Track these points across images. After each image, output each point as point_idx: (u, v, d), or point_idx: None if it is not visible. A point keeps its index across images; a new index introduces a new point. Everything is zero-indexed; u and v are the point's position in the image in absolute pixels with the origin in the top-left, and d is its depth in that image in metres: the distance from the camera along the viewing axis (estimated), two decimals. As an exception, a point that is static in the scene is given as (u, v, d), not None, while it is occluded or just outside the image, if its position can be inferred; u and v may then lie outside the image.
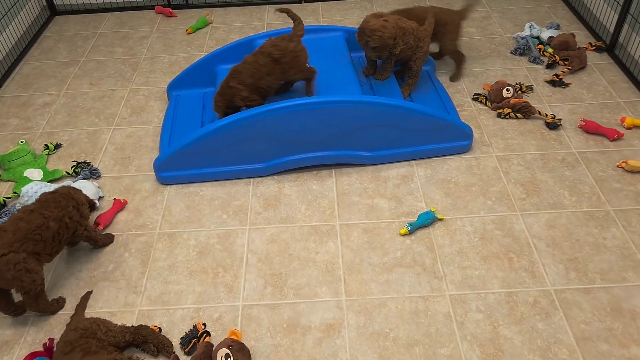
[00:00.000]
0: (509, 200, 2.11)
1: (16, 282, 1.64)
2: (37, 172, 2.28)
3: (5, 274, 1.62)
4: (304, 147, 2.22)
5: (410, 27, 2.36)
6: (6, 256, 1.62)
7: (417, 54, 2.42)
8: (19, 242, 1.65)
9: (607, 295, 1.77)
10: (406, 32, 2.33)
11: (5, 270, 1.61)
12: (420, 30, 2.40)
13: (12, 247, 1.64)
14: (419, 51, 2.42)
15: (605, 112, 2.49)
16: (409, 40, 2.35)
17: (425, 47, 2.43)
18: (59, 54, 3.16)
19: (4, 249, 1.63)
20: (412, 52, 2.41)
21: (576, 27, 3.11)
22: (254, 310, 1.78)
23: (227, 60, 2.66)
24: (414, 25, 2.39)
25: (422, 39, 2.41)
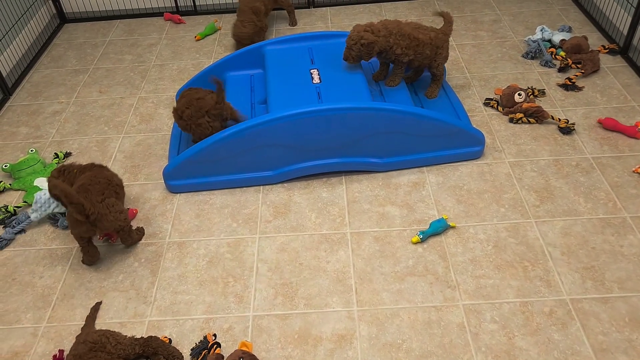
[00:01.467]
0: (522, 207, 2.08)
1: (116, 222, 1.86)
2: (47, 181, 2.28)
3: (108, 217, 1.84)
4: (314, 154, 2.20)
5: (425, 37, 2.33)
6: (104, 201, 1.85)
7: (437, 60, 2.40)
8: (105, 190, 1.89)
9: (625, 305, 1.73)
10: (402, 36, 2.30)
11: (107, 213, 1.85)
12: (439, 38, 2.38)
13: (104, 194, 1.87)
14: (439, 57, 2.40)
15: (620, 116, 2.45)
16: (424, 51, 2.34)
17: (444, 52, 2.41)
18: (68, 62, 3.17)
19: (99, 196, 1.85)
20: (430, 60, 2.40)
21: (588, 30, 3.06)
22: (264, 321, 1.76)
23: (236, 67, 2.65)
24: (432, 35, 2.35)
25: (441, 45, 2.39)
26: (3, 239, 2.07)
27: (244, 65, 2.65)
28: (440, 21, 2.66)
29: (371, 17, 3.36)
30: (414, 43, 2.31)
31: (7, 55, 3.04)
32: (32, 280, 1.94)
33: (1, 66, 2.93)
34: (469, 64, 2.88)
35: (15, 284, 1.93)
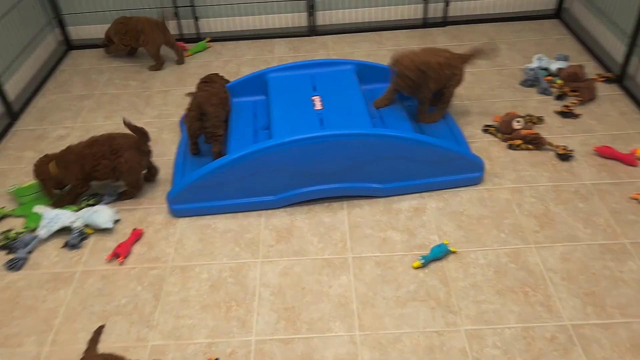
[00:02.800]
0: (522, 233, 2.10)
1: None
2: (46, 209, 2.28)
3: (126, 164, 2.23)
4: (316, 180, 2.23)
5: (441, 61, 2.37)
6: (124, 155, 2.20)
7: (451, 81, 2.43)
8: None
9: (626, 330, 1.74)
10: (432, 68, 2.33)
11: (126, 162, 2.23)
12: (455, 58, 2.41)
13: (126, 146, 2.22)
14: (453, 79, 2.43)
15: (617, 143, 2.49)
16: (444, 71, 2.37)
17: (459, 74, 2.44)
18: (73, 87, 3.22)
19: (124, 149, 2.23)
20: (445, 81, 2.43)
21: (584, 59, 3.13)
22: (267, 345, 1.77)
23: (239, 93, 2.70)
24: (447, 55, 2.40)
25: (457, 66, 2.42)
26: (19, 259, 2.08)
27: (247, 92, 2.70)
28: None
29: (371, 45, 3.44)
30: (440, 72, 2.34)
31: (14, 81, 3.09)
32: (35, 304, 1.95)
33: (8, 91, 2.98)
34: (468, 91, 2.94)
35: (18, 308, 1.94)
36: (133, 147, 2.25)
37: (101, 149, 2.24)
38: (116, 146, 2.24)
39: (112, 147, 2.24)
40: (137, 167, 2.27)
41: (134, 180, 2.30)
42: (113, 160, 2.23)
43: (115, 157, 2.23)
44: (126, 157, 2.22)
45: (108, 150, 2.24)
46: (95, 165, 2.25)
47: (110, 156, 2.23)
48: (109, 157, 2.23)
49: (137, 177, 2.31)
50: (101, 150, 2.23)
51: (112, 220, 2.19)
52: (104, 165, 2.24)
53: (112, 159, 2.23)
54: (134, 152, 2.24)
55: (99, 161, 2.23)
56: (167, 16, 3.29)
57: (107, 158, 2.23)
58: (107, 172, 2.27)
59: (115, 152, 2.23)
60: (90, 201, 2.31)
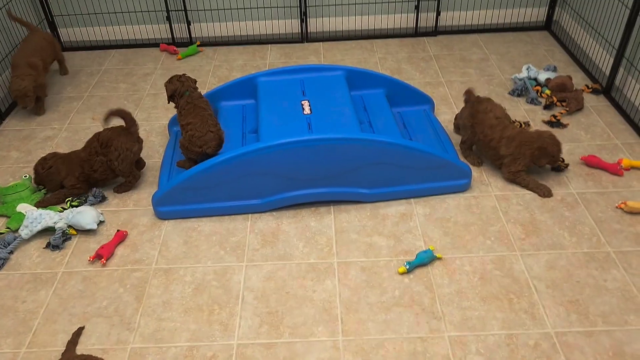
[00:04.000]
0: (508, 240, 2.10)
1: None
2: (30, 208, 2.25)
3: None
4: (303, 184, 2.22)
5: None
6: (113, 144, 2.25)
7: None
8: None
9: (608, 339, 1.74)
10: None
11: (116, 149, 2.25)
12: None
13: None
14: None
15: (603, 153, 2.51)
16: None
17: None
18: (63, 88, 3.20)
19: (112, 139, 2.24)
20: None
21: (573, 70, 3.16)
22: (248, 350, 1.75)
23: (229, 97, 2.69)
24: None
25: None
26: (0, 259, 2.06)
27: (237, 96, 2.70)
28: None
29: (363, 52, 3.45)
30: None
31: (2, 81, 3.07)
32: (14, 305, 1.92)
33: (-4, 91, 2.96)
34: (457, 99, 2.95)
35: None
36: (121, 134, 2.27)
37: (91, 146, 2.28)
38: (104, 138, 2.27)
39: (101, 141, 2.26)
40: (128, 154, 2.27)
41: (126, 169, 2.30)
42: (105, 154, 2.26)
43: (107, 149, 2.25)
44: (115, 144, 2.25)
45: (98, 145, 2.26)
46: (93, 165, 2.28)
47: (101, 150, 2.26)
48: (102, 152, 2.26)
49: (129, 165, 2.31)
50: (93, 147, 2.27)
51: (96, 221, 2.17)
52: (99, 161, 2.27)
53: (104, 153, 2.26)
54: (123, 138, 2.27)
55: (93, 159, 2.27)
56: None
57: (100, 153, 2.26)
58: (105, 169, 2.30)
59: (105, 144, 2.26)
60: (75, 202, 2.29)
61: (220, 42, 3.63)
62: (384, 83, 2.73)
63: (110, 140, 2.26)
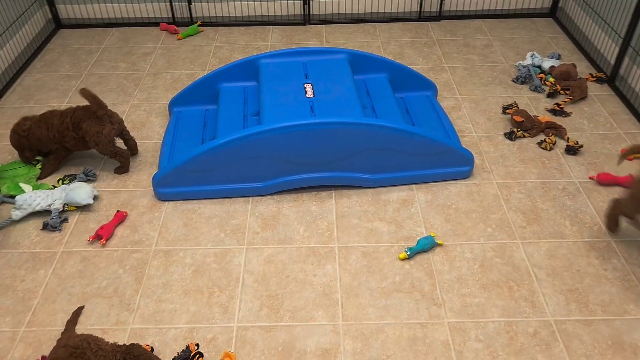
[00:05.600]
0: (509, 228, 2.10)
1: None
2: (27, 187, 2.25)
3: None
4: (304, 168, 2.21)
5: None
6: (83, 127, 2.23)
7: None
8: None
9: (608, 328, 1.74)
10: None
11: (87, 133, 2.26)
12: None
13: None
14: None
15: (606, 142, 2.50)
16: None
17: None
18: (61, 67, 3.16)
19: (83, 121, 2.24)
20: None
21: (577, 58, 3.13)
22: (248, 332, 1.75)
23: (230, 79, 2.66)
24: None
25: None
26: None
27: (238, 77, 2.67)
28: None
29: (365, 36, 3.41)
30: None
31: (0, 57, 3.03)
32: (13, 284, 1.91)
33: (-7, 68, 2.92)
34: (460, 86, 2.93)
35: (-5, 287, 1.90)
36: (91, 117, 2.25)
37: (65, 120, 2.27)
38: (76, 118, 2.26)
39: (73, 120, 2.26)
40: (100, 136, 2.25)
41: (107, 151, 2.29)
42: (77, 132, 2.26)
43: (77, 128, 2.26)
44: (85, 127, 2.24)
45: (69, 122, 2.26)
46: (64, 136, 2.27)
47: (72, 128, 2.26)
48: (73, 129, 2.26)
49: (108, 146, 2.28)
50: (65, 122, 2.26)
51: (90, 196, 2.16)
52: (70, 137, 2.27)
53: (75, 131, 2.26)
54: (92, 122, 2.24)
55: (65, 132, 2.27)
56: None
57: (72, 130, 2.26)
58: (76, 144, 2.30)
59: (76, 124, 2.25)
60: (66, 181, 2.28)
61: (222, 22, 3.58)
62: (387, 67, 2.70)
63: (81, 122, 2.25)
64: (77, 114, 2.26)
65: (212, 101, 2.67)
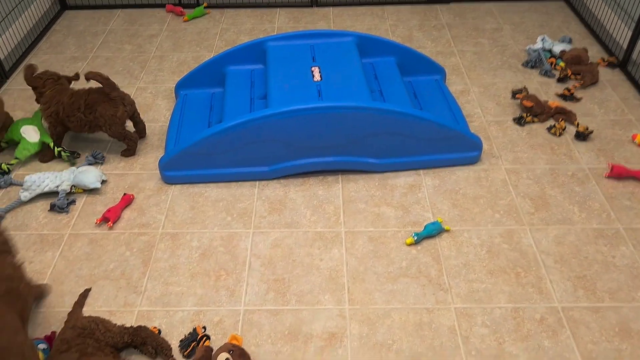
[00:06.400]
0: (517, 214, 2.08)
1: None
2: (33, 129, 2.31)
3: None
4: (311, 152, 2.19)
5: None
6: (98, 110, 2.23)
7: None
8: None
9: (615, 315, 1.74)
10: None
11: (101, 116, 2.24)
12: None
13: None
14: None
15: (616, 128, 2.47)
16: None
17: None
18: (67, 48, 3.14)
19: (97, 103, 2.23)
20: None
21: (589, 42, 3.09)
22: (255, 316, 1.75)
23: (237, 61, 2.64)
24: None
25: None
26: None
27: (245, 60, 2.65)
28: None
29: (373, 19, 3.37)
30: None
31: (5, 39, 3.01)
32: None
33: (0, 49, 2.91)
34: (469, 70, 2.89)
35: (4, 268, 1.91)
36: (105, 100, 2.23)
37: (78, 101, 2.24)
38: (90, 101, 2.24)
39: (87, 102, 2.24)
40: (114, 119, 2.24)
41: (118, 134, 2.28)
42: (87, 115, 2.24)
43: (89, 111, 2.23)
44: (100, 111, 2.22)
45: (82, 104, 2.24)
46: (70, 116, 2.25)
47: (84, 110, 2.24)
48: (84, 112, 2.24)
49: (120, 129, 2.27)
50: (77, 103, 2.24)
51: (99, 180, 2.16)
52: (77, 117, 2.25)
53: (86, 114, 2.24)
54: (106, 104, 2.23)
55: (73, 113, 2.25)
56: None
57: (82, 112, 2.24)
58: (81, 125, 2.28)
59: (90, 107, 2.23)
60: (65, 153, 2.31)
61: (228, 4, 3.54)
62: (396, 51, 2.67)
63: (95, 105, 2.23)
64: (92, 96, 2.24)
65: (219, 84, 2.65)
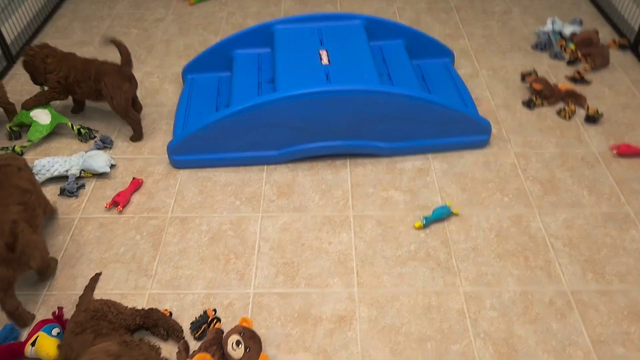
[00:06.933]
0: (526, 198, 2.08)
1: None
2: (44, 112, 2.34)
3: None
4: (319, 136, 2.19)
5: None
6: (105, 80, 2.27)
7: None
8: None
9: (624, 298, 1.74)
10: None
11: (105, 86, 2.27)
12: None
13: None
14: None
15: (627, 112, 2.45)
16: None
17: None
18: (73, 33, 3.13)
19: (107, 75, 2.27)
20: None
21: (599, 24, 3.05)
22: (265, 299, 1.77)
23: (244, 45, 2.62)
24: None
25: None
26: None
27: (252, 44, 2.63)
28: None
29: (381, 2, 3.33)
30: None
31: (11, 23, 3.00)
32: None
33: (5, 34, 2.89)
34: (478, 53, 2.86)
35: (15, 252, 1.93)
36: (114, 72, 2.27)
37: (89, 67, 2.28)
38: (99, 70, 2.27)
39: (96, 71, 2.27)
40: (118, 91, 2.27)
41: (121, 107, 2.30)
42: (96, 84, 2.28)
43: (97, 80, 2.27)
44: (107, 81, 2.25)
45: (93, 72, 2.27)
46: (80, 82, 2.29)
47: (93, 78, 2.27)
48: (93, 80, 2.28)
49: (122, 103, 2.29)
50: (88, 70, 2.28)
51: (108, 164, 2.17)
52: (86, 85, 2.29)
53: (95, 82, 2.28)
54: (115, 76, 2.26)
55: (83, 80, 2.29)
56: None
57: (92, 80, 2.28)
58: (88, 93, 2.33)
59: (98, 76, 2.26)
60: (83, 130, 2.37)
61: (234, -13, 3.51)
62: (404, 34, 2.64)
63: (103, 74, 2.27)
64: (105, 67, 2.28)
65: (226, 68, 2.64)
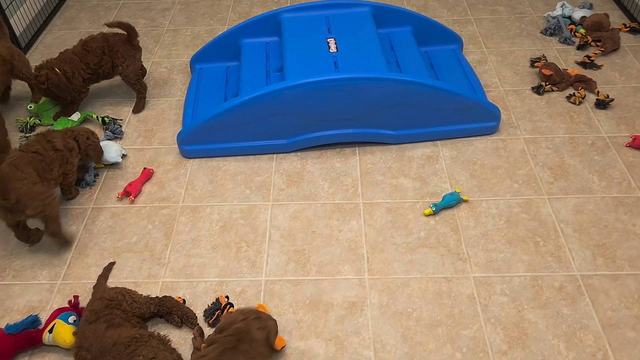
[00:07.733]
0: (536, 184, 2.08)
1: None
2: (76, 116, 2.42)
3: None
4: (328, 124, 2.19)
5: None
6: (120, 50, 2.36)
7: None
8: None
9: (635, 282, 1.74)
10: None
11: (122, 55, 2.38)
12: None
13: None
14: None
15: (638, 96, 2.43)
16: None
17: None
18: (81, 24, 3.14)
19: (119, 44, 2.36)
20: None
21: (610, 7, 3.01)
22: (276, 286, 1.79)
23: (251, 34, 2.62)
24: None
25: None
26: None
27: (260, 33, 2.63)
28: None
29: (388, -12, 3.31)
30: None
31: (20, 15, 3.01)
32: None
33: (14, 26, 2.91)
34: (486, 38, 2.85)
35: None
36: (125, 42, 2.38)
37: (102, 45, 2.36)
38: (112, 42, 2.36)
39: (110, 44, 2.36)
40: (133, 60, 2.40)
41: (134, 76, 2.40)
42: (112, 56, 2.36)
43: (112, 52, 2.36)
44: (122, 51, 2.35)
45: (106, 46, 2.36)
46: (100, 62, 2.37)
47: (108, 52, 2.36)
48: (108, 53, 2.36)
49: (136, 70, 2.43)
50: (102, 47, 2.35)
51: (119, 154, 2.19)
52: (106, 61, 2.37)
53: (110, 55, 2.36)
54: (127, 46, 2.38)
55: (101, 57, 2.36)
56: None
57: (107, 54, 2.36)
58: (109, 67, 2.40)
59: (112, 48, 2.35)
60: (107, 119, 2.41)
61: (240, -25, 3.49)
62: (412, 20, 2.63)
63: (117, 45, 2.37)
64: (113, 39, 2.37)
65: (234, 57, 2.64)
